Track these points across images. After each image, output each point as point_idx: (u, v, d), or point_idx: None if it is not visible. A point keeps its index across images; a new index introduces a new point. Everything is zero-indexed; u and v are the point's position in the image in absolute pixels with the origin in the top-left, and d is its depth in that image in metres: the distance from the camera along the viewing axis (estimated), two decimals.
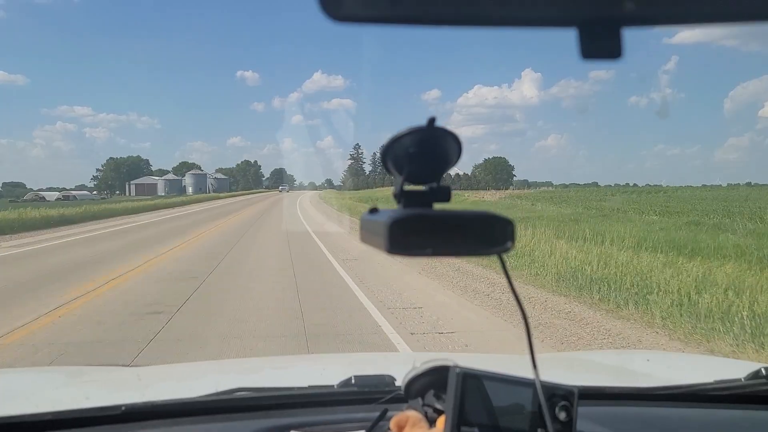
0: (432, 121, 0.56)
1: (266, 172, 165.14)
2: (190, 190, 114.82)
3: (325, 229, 19.32)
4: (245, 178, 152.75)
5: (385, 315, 6.27)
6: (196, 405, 1.17)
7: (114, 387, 1.64)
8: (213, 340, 5.24)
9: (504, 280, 0.51)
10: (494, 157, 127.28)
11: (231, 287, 7.95)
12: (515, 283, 0.66)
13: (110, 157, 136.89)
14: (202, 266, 9.92)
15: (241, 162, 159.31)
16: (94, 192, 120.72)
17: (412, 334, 5.54)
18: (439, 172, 0.59)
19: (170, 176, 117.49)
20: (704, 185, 43.44)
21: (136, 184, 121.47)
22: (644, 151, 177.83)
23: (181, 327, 5.71)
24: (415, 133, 0.57)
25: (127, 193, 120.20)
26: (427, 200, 0.59)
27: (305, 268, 9.90)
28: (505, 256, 0.59)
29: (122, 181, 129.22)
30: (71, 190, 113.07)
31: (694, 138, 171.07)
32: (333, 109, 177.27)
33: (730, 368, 1.79)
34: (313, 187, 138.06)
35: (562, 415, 0.75)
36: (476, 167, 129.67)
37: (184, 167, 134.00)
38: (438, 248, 0.53)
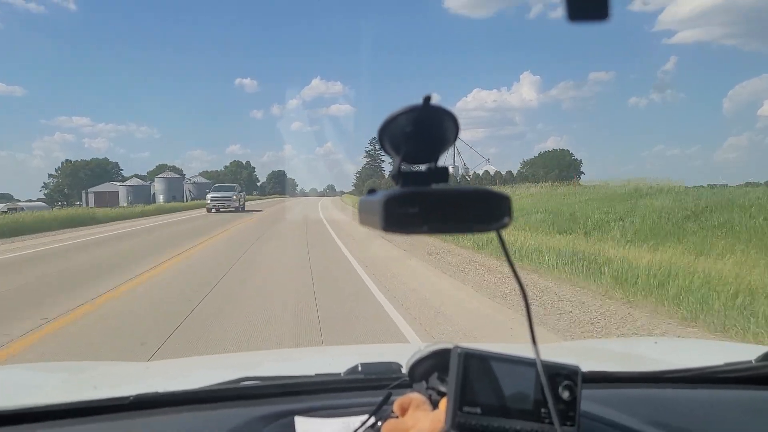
0: (427, 99, 0.55)
1: (262, 176, 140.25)
2: (160, 198, 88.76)
3: None
4: (236, 183, 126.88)
5: None
6: (203, 394, 1.19)
7: (122, 379, 1.66)
8: None
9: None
10: (554, 150, 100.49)
11: None
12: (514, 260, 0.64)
13: (66, 160, 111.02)
14: None
15: (231, 163, 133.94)
16: (58, 203, 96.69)
17: None
18: (437, 152, 0.59)
19: (134, 182, 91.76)
20: (711, 185, 31.79)
21: (95, 193, 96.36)
22: (645, 152, 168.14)
23: None
24: (411, 112, 0.56)
25: (85, 203, 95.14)
26: (425, 180, 0.58)
27: None
28: (503, 232, 0.58)
29: (82, 188, 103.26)
30: (19, 201, 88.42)
31: (693, 138, 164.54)
32: (332, 115, 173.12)
33: (740, 351, 1.80)
34: (315, 192, 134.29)
35: (565, 395, 0.75)
36: (526, 164, 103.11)
37: (161, 171, 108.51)
38: (434, 225, 0.53)
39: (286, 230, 19.33)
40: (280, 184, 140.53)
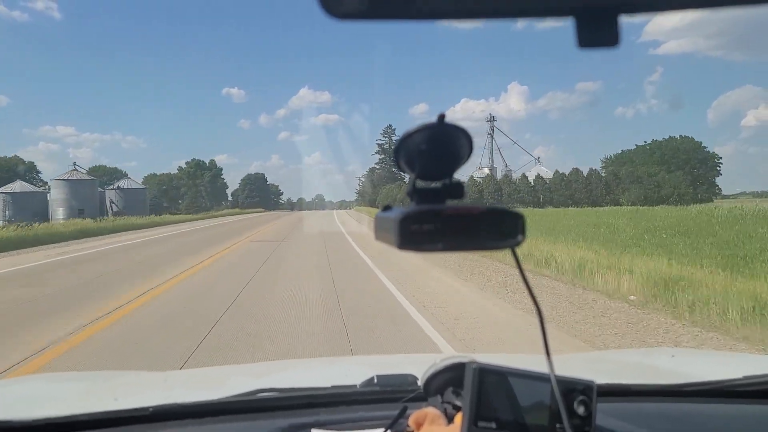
0: (442, 117, 0.57)
1: (234, 182, 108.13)
2: (59, 211, 56.14)
3: None
4: (194, 190, 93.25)
5: None
6: (221, 405, 1.22)
7: (141, 390, 1.68)
8: None
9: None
10: (672, 138, 67.66)
11: None
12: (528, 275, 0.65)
13: None
14: None
15: (188, 164, 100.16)
16: None
17: None
18: (452, 169, 0.60)
19: (17, 187, 58.00)
20: None
21: None
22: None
23: None
24: (426, 129, 0.58)
25: None
26: (440, 197, 0.59)
27: None
28: (517, 250, 0.60)
29: None
30: None
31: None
32: (321, 125, 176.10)
33: (759, 364, 1.80)
34: (303, 203, 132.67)
35: (580, 410, 0.76)
36: (612, 161, 70.69)
37: (99, 173, 76.09)
38: (449, 243, 0.54)
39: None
40: (258, 193, 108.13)
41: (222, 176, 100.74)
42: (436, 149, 0.58)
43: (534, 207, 59.59)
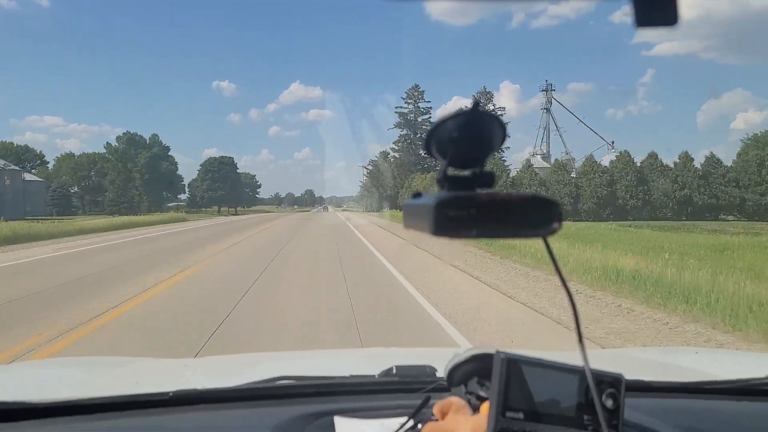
0: (476, 104, 0.58)
1: (191, 171, 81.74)
2: None
3: None
4: (124, 177, 65.06)
5: None
6: (241, 392, 1.24)
7: (162, 375, 1.70)
8: None
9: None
10: None
11: None
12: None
13: None
14: None
15: (120, 138, 72.71)
16: None
17: None
18: (484, 157, 0.60)
19: None
20: None
21: None
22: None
23: None
24: (459, 116, 0.58)
25: None
26: (471, 185, 0.59)
27: None
28: (549, 239, 0.59)
29: None
30: None
31: (671, 150, 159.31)
32: (312, 120, 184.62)
33: None
34: (292, 199, 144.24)
35: (609, 403, 0.76)
36: (758, 140, 44.39)
37: (3, 153, 50.20)
38: (483, 230, 0.54)
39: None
40: (224, 184, 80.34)
41: (170, 158, 73.63)
42: (469, 136, 0.58)
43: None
